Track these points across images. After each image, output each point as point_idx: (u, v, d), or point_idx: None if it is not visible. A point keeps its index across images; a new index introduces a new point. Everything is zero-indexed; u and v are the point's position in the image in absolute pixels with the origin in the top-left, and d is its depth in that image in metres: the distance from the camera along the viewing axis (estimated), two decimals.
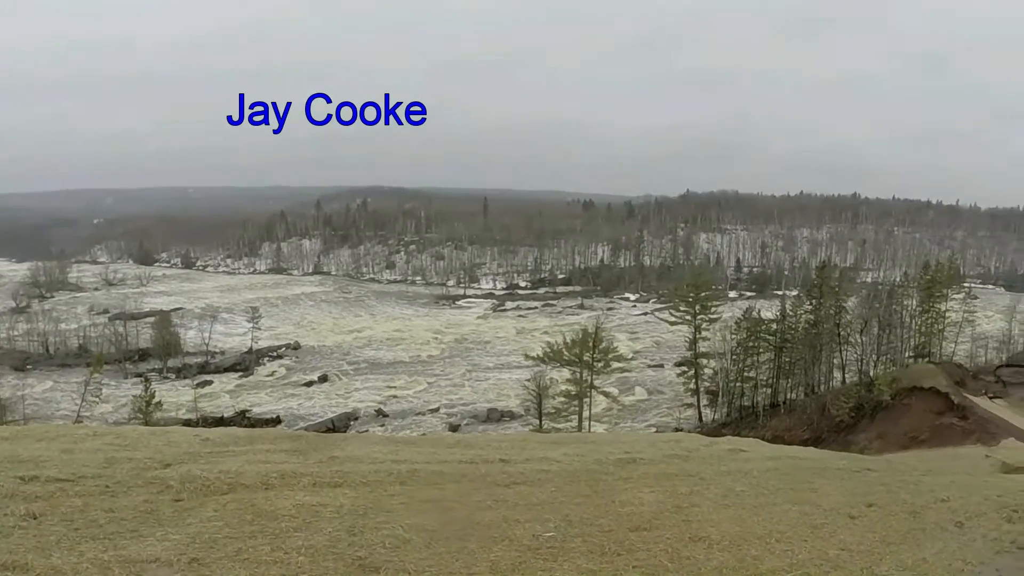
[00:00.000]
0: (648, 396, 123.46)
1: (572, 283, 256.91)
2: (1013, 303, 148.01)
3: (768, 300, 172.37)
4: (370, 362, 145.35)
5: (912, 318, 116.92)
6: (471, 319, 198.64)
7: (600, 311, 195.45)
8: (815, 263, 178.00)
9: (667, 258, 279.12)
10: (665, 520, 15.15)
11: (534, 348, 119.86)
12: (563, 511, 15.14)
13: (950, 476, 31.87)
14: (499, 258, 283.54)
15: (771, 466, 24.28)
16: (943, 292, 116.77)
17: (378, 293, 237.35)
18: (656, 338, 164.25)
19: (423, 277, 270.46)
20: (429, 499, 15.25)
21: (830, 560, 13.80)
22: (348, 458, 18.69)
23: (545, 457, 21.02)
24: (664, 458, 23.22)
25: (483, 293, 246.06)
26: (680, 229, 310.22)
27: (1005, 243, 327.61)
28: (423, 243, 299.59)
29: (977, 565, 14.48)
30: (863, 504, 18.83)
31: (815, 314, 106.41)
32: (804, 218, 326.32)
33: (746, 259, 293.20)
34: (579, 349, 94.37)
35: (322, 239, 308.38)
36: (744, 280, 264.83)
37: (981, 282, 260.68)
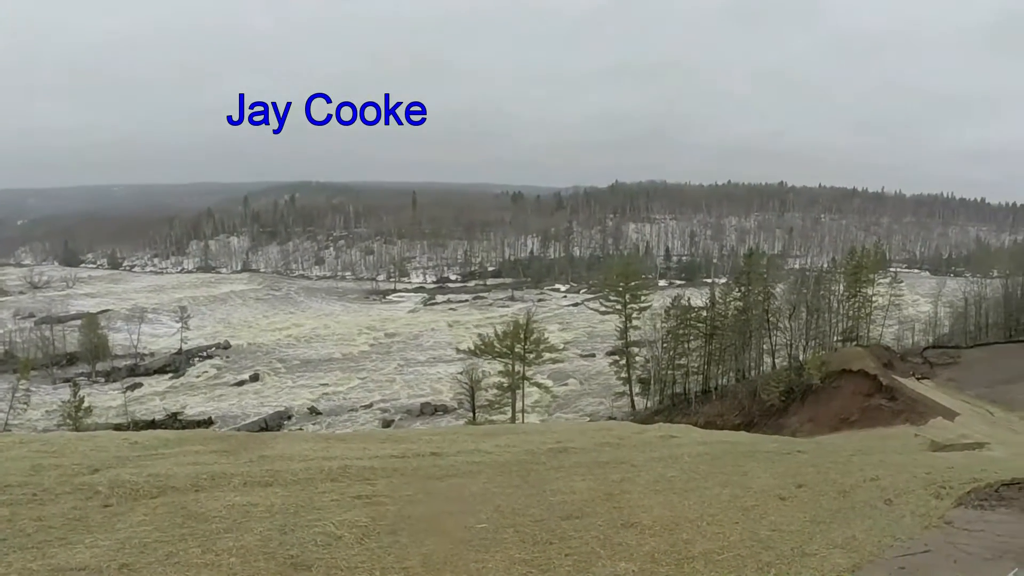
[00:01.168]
0: (581, 386, 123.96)
1: (502, 275, 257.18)
2: (938, 287, 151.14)
3: (697, 288, 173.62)
4: (302, 359, 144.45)
5: (840, 303, 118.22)
6: (402, 313, 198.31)
7: (531, 303, 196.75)
8: (743, 251, 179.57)
9: (597, 248, 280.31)
10: (597, 507, 15.22)
11: (465, 341, 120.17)
12: (495, 502, 15.15)
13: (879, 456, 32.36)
14: (429, 252, 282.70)
15: (702, 451, 24.49)
16: (869, 277, 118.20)
17: (308, 289, 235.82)
18: (587, 328, 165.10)
19: (353, 272, 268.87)
20: (360, 495, 15.19)
21: (761, 541, 13.93)
22: (278, 457, 18.60)
23: (476, 449, 21.06)
24: (595, 446, 23.33)
25: (413, 287, 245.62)
26: (609, 219, 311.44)
27: (930, 229, 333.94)
28: (352, 238, 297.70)
29: (906, 540, 14.68)
30: (793, 485, 19.04)
31: (744, 301, 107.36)
32: (732, 206, 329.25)
33: (675, 248, 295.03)
34: (510, 341, 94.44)
35: (250, 236, 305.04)
36: (673, 269, 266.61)
37: (907, 267, 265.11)
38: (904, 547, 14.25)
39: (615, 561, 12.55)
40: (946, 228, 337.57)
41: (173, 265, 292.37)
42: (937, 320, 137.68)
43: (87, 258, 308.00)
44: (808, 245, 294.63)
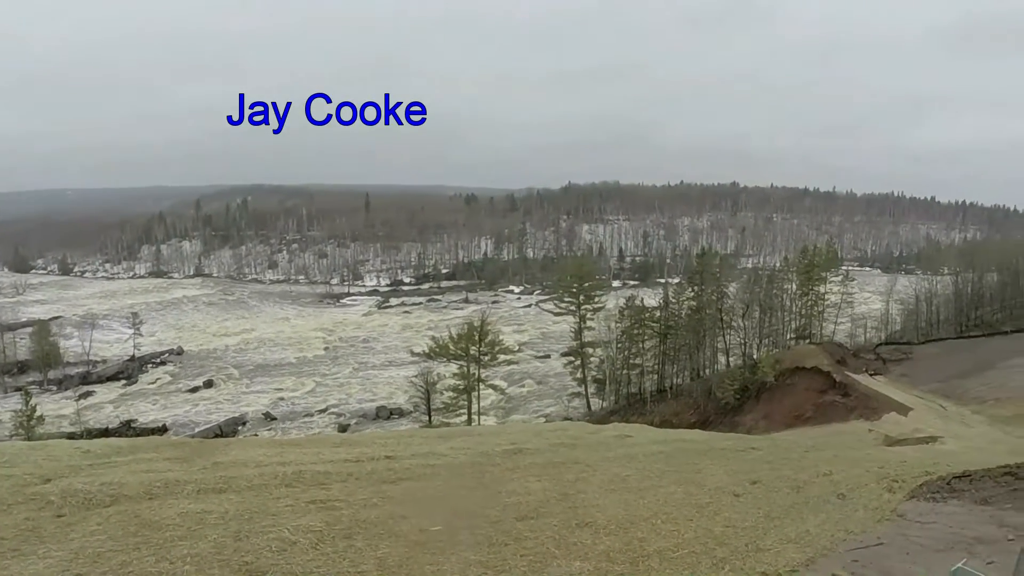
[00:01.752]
0: (536, 387, 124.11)
1: (456, 277, 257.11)
2: (889, 284, 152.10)
3: (651, 288, 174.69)
4: (256, 364, 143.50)
5: (792, 301, 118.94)
6: (356, 317, 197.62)
7: (485, 304, 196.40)
8: (696, 250, 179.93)
9: (550, 250, 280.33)
10: (552, 508, 15.29)
11: (420, 344, 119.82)
12: (450, 504, 15.20)
13: (833, 451, 32.66)
14: (382, 254, 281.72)
15: (657, 450, 24.64)
16: (822, 275, 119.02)
17: (261, 294, 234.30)
18: (542, 329, 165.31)
19: (306, 276, 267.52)
20: (315, 500, 15.19)
21: (715, 537, 14.05)
22: (232, 463, 18.54)
23: (431, 452, 21.10)
24: (550, 447, 23.42)
25: (367, 290, 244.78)
26: (563, 221, 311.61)
27: (881, 227, 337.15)
28: (305, 241, 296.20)
29: (859, 534, 14.85)
30: (747, 482, 19.22)
31: (697, 300, 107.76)
32: (685, 207, 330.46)
33: (629, 249, 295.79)
34: (465, 343, 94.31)
35: (203, 240, 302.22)
36: (627, 269, 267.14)
37: (858, 265, 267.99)
38: (857, 540, 14.41)
39: (570, 561, 12.60)
40: (897, 226, 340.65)
41: (125, 270, 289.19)
42: (889, 317, 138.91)
43: (37, 264, 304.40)
44: (760, 244, 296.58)
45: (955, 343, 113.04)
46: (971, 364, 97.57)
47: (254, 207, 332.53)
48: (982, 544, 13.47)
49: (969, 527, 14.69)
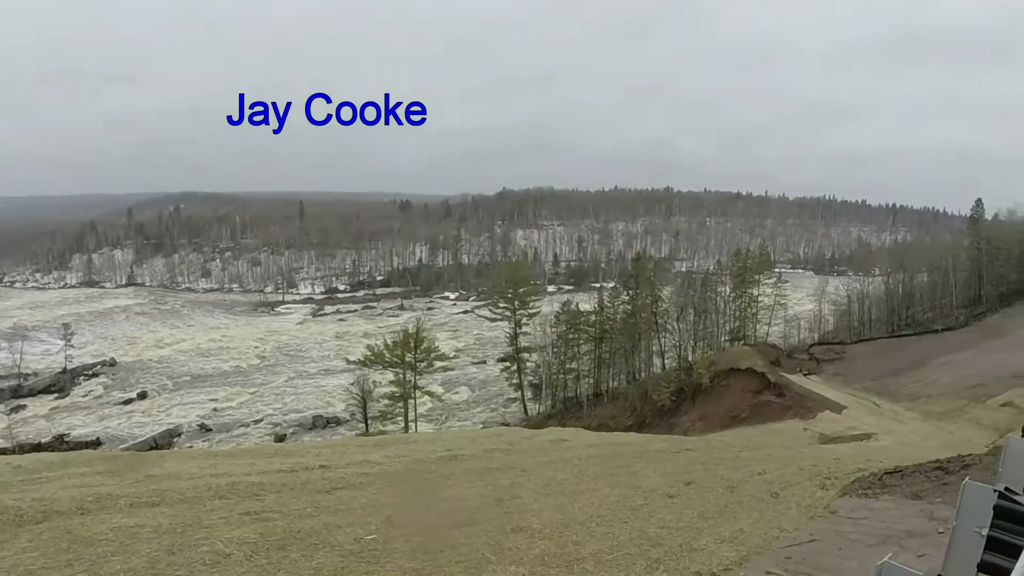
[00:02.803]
0: (473, 393, 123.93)
1: (391, 284, 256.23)
2: (821, 285, 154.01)
3: (586, 293, 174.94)
4: (190, 375, 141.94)
5: (726, 303, 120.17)
6: (291, 325, 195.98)
7: (420, 311, 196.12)
8: (631, 255, 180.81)
9: (485, 256, 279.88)
10: (487, 513, 15.26)
11: (355, 352, 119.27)
12: (385, 512, 15.12)
13: (767, 450, 32.90)
14: (317, 262, 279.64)
15: (592, 453, 24.71)
16: (755, 278, 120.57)
17: (194, 303, 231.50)
18: (478, 335, 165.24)
19: (240, 284, 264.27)
20: (249, 511, 15.03)
21: (650, 539, 14.09)
22: (165, 475, 18.32)
23: (366, 460, 20.98)
24: (486, 453, 23.40)
25: (302, 298, 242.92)
26: (497, 226, 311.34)
27: (813, 230, 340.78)
28: (239, 249, 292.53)
29: (792, 531, 14.97)
30: (682, 483, 19.31)
31: (632, 304, 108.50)
32: (619, 212, 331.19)
33: (563, 254, 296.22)
34: (401, 350, 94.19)
35: (135, 249, 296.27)
36: (562, 274, 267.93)
37: (791, 267, 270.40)
38: (790, 538, 14.52)
39: (505, 566, 12.59)
40: (828, 229, 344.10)
41: (56, 280, 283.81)
42: (822, 317, 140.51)
43: None
44: (694, 248, 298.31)
45: (887, 342, 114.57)
46: (903, 362, 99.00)
47: (187, 215, 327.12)
48: (913, 538, 13.63)
49: (900, 521, 14.86)
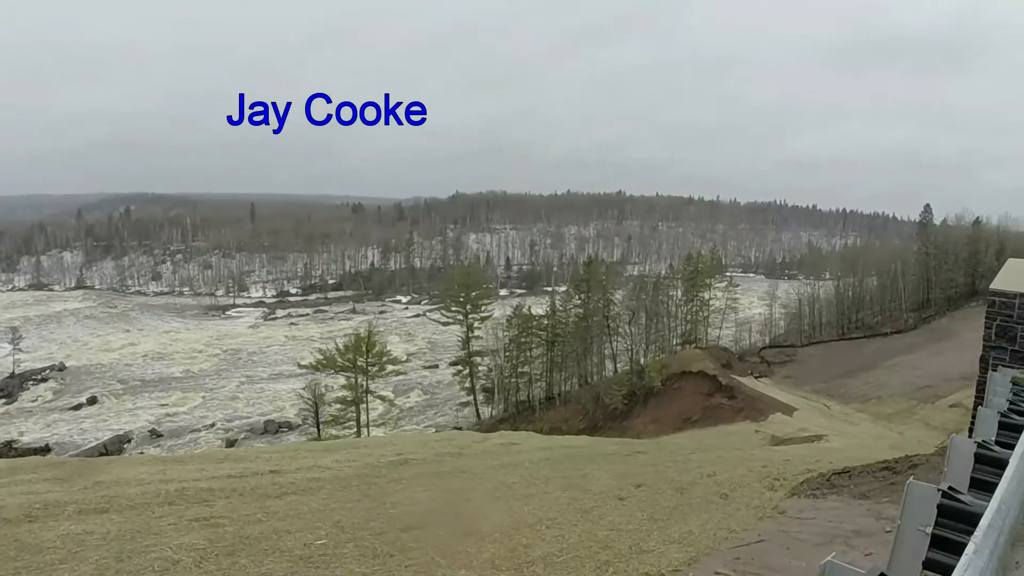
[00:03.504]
0: (425, 397, 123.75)
1: (343, 288, 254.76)
2: (772, 289, 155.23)
3: (538, 296, 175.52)
4: (141, 380, 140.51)
5: (678, 307, 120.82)
6: (242, 329, 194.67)
7: (372, 315, 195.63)
8: (583, 259, 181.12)
9: (437, 259, 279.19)
10: (437, 518, 15.25)
11: (307, 356, 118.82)
12: (335, 517, 15.06)
13: (718, 452, 33.15)
14: (268, 265, 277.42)
15: (543, 457, 24.76)
16: (706, 282, 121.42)
17: (145, 306, 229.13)
18: (430, 339, 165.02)
19: (191, 288, 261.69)
20: (198, 517, 14.93)
21: (599, 541, 14.13)
22: (114, 482, 18.16)
23: (316, 465, 20.89)
24: (436, 457, 23.38)
25: (253, 302, 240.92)
26: (450, 230, 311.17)
27: (764, 235, 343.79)
28: (190, 252, 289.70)
29: (741, 532, 15.06)
30: (632, 485, 19.37)
31: (584, 308, 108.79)
32: (572, 216, 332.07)
33: (516, 257, 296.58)
34: (352, 354, 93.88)
35: (84, 251, 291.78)
36: (514, 278, 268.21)
37: (742, 271, 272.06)
38: (739, 538, 14.61)
39: (455, 569, 12.59)
40: (779, 234, 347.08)
41: (3, 283, 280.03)
42: (773, 321, 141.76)
43: None
44: (646, 252, 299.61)
45: (837, 345, 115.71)
46: (853, 364, 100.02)
47: (137, 216, 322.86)
48: (860, 537, 13.74)
49: (848, 521, 14.99)
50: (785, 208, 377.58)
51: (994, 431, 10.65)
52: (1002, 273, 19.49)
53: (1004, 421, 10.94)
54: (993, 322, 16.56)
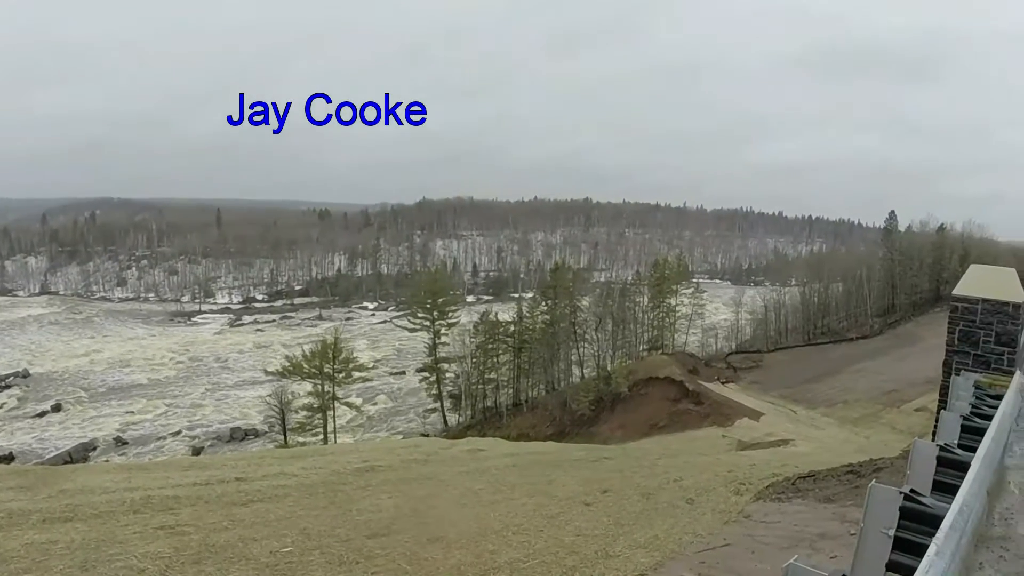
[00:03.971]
0: (392, 403, 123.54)
1: (310, 294, 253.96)
2: (738, 295, 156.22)
3: (505, 303, 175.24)
4: (106, 387, 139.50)
5: (645, 313, 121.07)
6: (208, 335, 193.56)
7: (339, 321, 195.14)
8: (550, 265, 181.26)
9: (404, 265, 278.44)
10: (403, 524, 15.24)
11: (274, 362, 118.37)
12: (301, 524, 15.03)
13: (684, 457, 33.29)
14: (234, 271, 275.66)
15: (509, 463, 24.80)
16: (673, 288, 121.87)
17: (110, 312, 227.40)
18: (397, 345, 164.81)
19: (156, 294, 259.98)
20: (163, 525, 14.86)
21: (566, 547, 14.16)
22: (79, 490, 18.04)
23: (282, 472, 20.83)
24: (403, 464, 23.37)
25: (219, 308, 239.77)
26: (417, 236, 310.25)
27: (730, 241, 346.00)
28: (155, 257, 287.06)
29: (706, 536, 15.13)
30: (598, 491, 19.44)
31: (551, 314, 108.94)
32: (538, 222, 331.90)
33: (483, 264, 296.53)
34: (319, 361, 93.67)
35: (49, 256, 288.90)
36: (481, 284, 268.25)
37: (709, 277, 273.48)
38: (704, 542, 14.68)
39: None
40: (746, 240, 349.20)
41: None
42: (739, 327, 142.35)
43: None
44: (613, 259, 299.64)
45: (803, 350, 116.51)
46: (819, 370, 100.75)
47: (102, 221, 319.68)
48: (825, 540, 13.82)
49: (813, 524, 15.08)
50: (751, 215, 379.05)
51: (956, 434, 10.74)
52: (965, 278, 19.65)
53: (966, 424, 11.04)
54: (956, 327, 16.70)
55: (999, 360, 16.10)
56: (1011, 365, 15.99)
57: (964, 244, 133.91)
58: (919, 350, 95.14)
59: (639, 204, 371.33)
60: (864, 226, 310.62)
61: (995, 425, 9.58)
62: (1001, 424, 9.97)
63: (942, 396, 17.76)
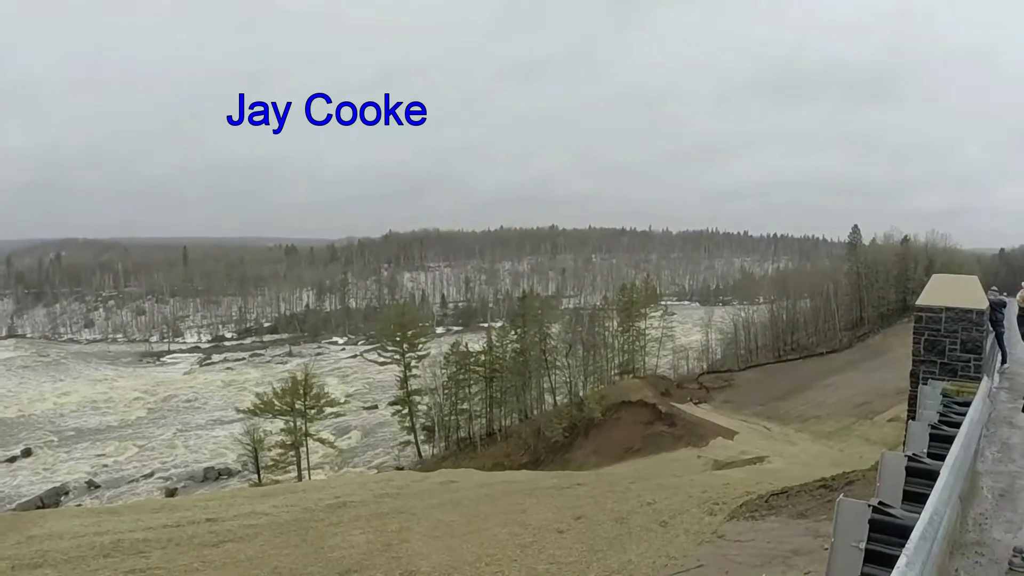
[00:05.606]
0: (365, 438, 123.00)
1: (279, 331, 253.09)
2: (707, 316, 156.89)
3: (475, 333, 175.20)
4: (76, 430, 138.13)
5: (615, 338, 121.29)
6: (178, 375, 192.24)
7: (309, 357, 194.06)
8: (518, 294, 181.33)
9: (373, 299, 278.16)
10: (375, 559, 15.10)
11: (245, 401, 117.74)
12: (272, 563, 14.89)
13: (657, 480, 33.18)
14: (203, 309, 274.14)
15: (482, 493, 24.64)
16: (642, 311, 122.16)
17: (78, 354, 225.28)
18: (368, 379, 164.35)
19: (124, 334, 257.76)
20: (134, 569, 14.69)
21: (539, 575, 14.02)
22: (48, 535, 17.86)
23: (253, 511, 20.65)
24: (375, 498, 23.20)
25: (188, 347, 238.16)
26: (384, 269, 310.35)
27: (697, 262, 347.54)
28: (122, 298, 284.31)
29: (680, 558, 15.07)
30: (571, 518, 19.33)
31: (521, 342, 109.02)
32: (505, 251, 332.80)
33: (451, 295, 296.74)
34: (290, 398, 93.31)
35: (15, 298, 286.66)
36: (451, 315, 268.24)
37: (677, 299, 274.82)
38: (678, 565, 14.62)
39: None
40: (712, 261, 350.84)
41: None
42: (709, 347, 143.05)
43: None
44: (581, 285, 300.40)
45: (774, 367, 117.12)
46: (790, 386, 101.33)
47: (67, 262, 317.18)
48: (799, 556, 13.77)
49: (786, 541, 15.04)
50: (717, 235, 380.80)
51: (925, 443, 10.77)
52: (927, 288, 19.76)
53: (935, 433, 11.07)
54: (921, 337, 16.80)
55: (965, 367, 16.19)
56: (977, 372, 16.06)
57: (928, 254, 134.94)
58: (888, 361, 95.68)
59: (604, 229, 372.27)
60: (829, 241, 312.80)
61: (963, 432, 9.60)
62: (970, 431, 9.99)
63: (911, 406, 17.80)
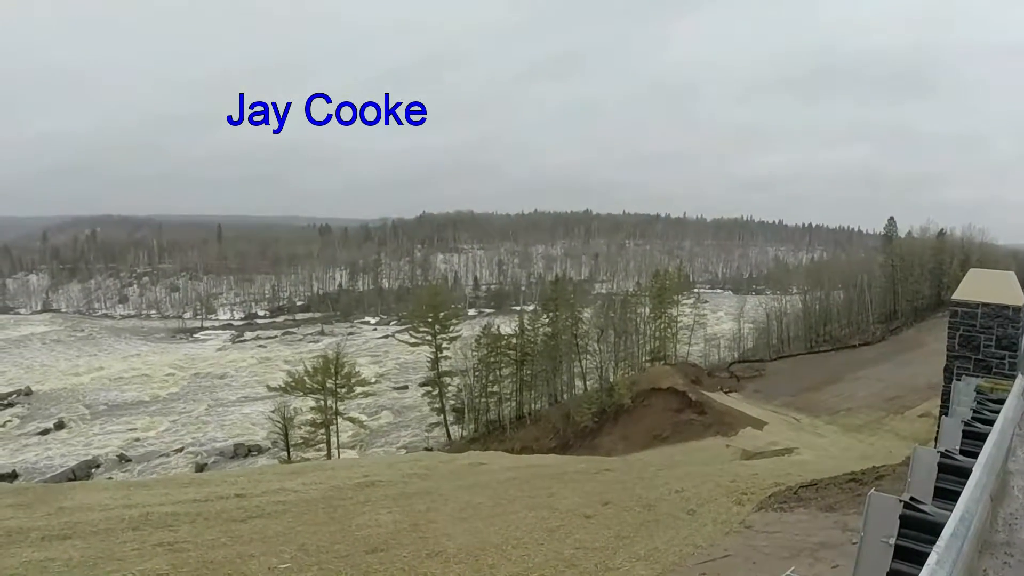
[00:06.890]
0: (395, 418, 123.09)
1: (311, 310, 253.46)
2: (740, 304, 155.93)
3: (507, 316, 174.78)
4: (109, 404, 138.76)
5: (646, 324, 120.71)
6: (210, 352, 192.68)
7: (341, 336, 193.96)
8: (550, 278, 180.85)
9: (405, 280, 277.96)
10: (402, 539, 15.09)
11: (276, 378, 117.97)
12: (299, 540, 14.88)
13: (686, 468, 33.06)
14: (236, 287, 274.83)
15: (510, 476, 24.59)
16: (674, 298, 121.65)
17: (112, 330, 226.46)
18: (399, 360, 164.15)
19: (158, 310, 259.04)
20: (162, 542, 14.74)
21: (565, 560, 14.00)
22: (78, 508, 17.95)
23: (282, 488, 20.67)
24: (403, 478, 23.18)
25: (221, 324, 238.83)
26: (418, 250, 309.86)
27: (730, 250, 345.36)
28: (156, 274, 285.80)
29: (707, 547, 15.00)
30: (599, 503, 19.26)
31: (553, 326, 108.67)
32: (539, 235, 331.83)
33: (484, 277, 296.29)
34: (321, 376, 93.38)
35: (50, 273, 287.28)
36: (483, 297, 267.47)
37: (710, 287, 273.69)
38: (705, 554, 14.54)
39: None
40: (746, 249, 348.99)
41: None
42: (741, 336, 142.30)
43: None
44: (614, 270, 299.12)
45: (805, 358, 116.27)
46: (821, 377, 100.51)
47: (103, 238, 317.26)
48: (826, 549, 13.67)
49: (814, 533, 14.93)
50: (751, 224, 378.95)
51: (958, 440, 10.65)
52: (964, 283, 19.58)
53: (968, 430, 10.94)
54: (956, 332, 16.62)
55: (1000, 364, 16.01)
56: (1012, 369, 15.88)
57: (964, 248, 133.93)
58: (921, 355, 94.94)
59: (639, 215, 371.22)
60: (864, 232, 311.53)
61: (997, 430, 9.49)
62: (1003, 429, 9.88)
63: (944, 402, 17.64)
